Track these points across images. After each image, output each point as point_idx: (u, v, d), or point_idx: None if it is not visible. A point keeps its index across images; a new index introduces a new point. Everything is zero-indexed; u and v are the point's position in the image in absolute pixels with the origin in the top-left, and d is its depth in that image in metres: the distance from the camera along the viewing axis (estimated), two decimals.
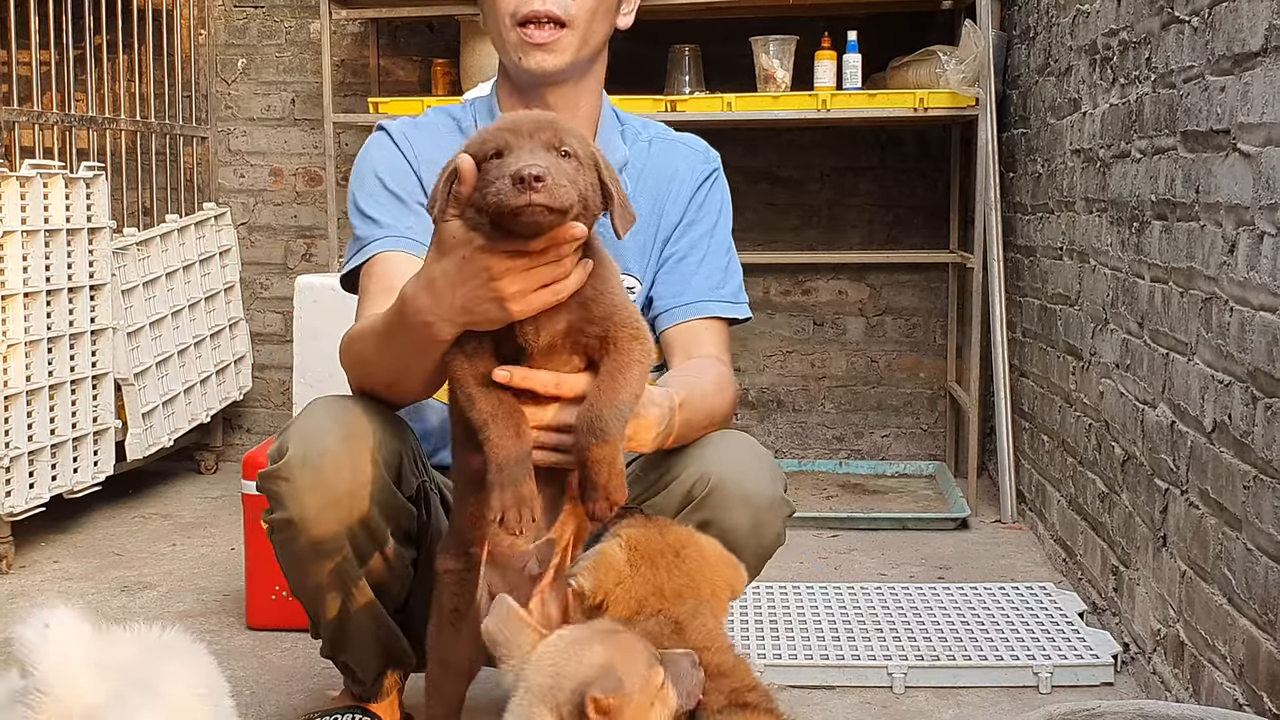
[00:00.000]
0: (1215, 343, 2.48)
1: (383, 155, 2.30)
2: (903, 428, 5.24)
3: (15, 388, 3.76)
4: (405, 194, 2.26)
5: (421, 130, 2.33)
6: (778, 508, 2.14)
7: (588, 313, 1.84)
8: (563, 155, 1.75)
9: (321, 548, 2.07)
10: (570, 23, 2.19)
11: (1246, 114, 2.34)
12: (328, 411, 2.07)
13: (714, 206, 2.38)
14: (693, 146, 2.42)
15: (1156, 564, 2.83)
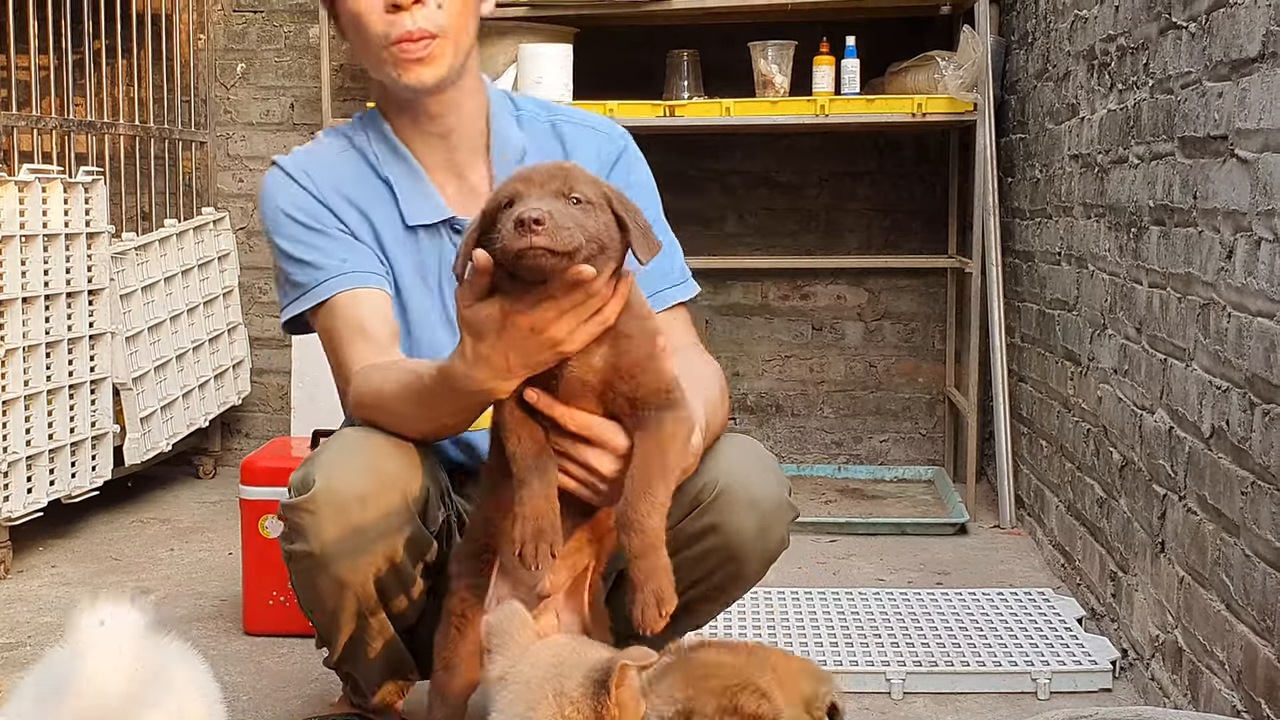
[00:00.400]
0: (1213, 348, 2.48)
1: (288, 194, 2.27)
2: (901, 433, 5.24)
3: (13, 393, 3.76)
4: (325, 227, 2.24)
5: (316, 158, 2.31)
6: (783, 511, 2.15)
7: (626, 352, 1.84)
8: (574, 202, 1.74)
9: (344, 583, 2.05)
10: (442, 32, 2.17)
11: (1244, 120, 2.34)
12: (357, 446, 2.04)
13: (635, 190, 2.31)
14: (597, 128, 2.39)
15: (1155, 570, 2.83)
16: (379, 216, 2.26)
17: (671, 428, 1.84)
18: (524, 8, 4.63)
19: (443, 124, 2.27)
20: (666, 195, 5.07)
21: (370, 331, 2.16)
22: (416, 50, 2.15)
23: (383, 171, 2.28)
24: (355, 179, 2.28)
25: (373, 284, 2.21)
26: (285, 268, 2.26)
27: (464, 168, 2.31)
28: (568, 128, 2.37)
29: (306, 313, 2.23)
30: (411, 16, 2.14)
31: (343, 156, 2.30)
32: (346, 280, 2.19)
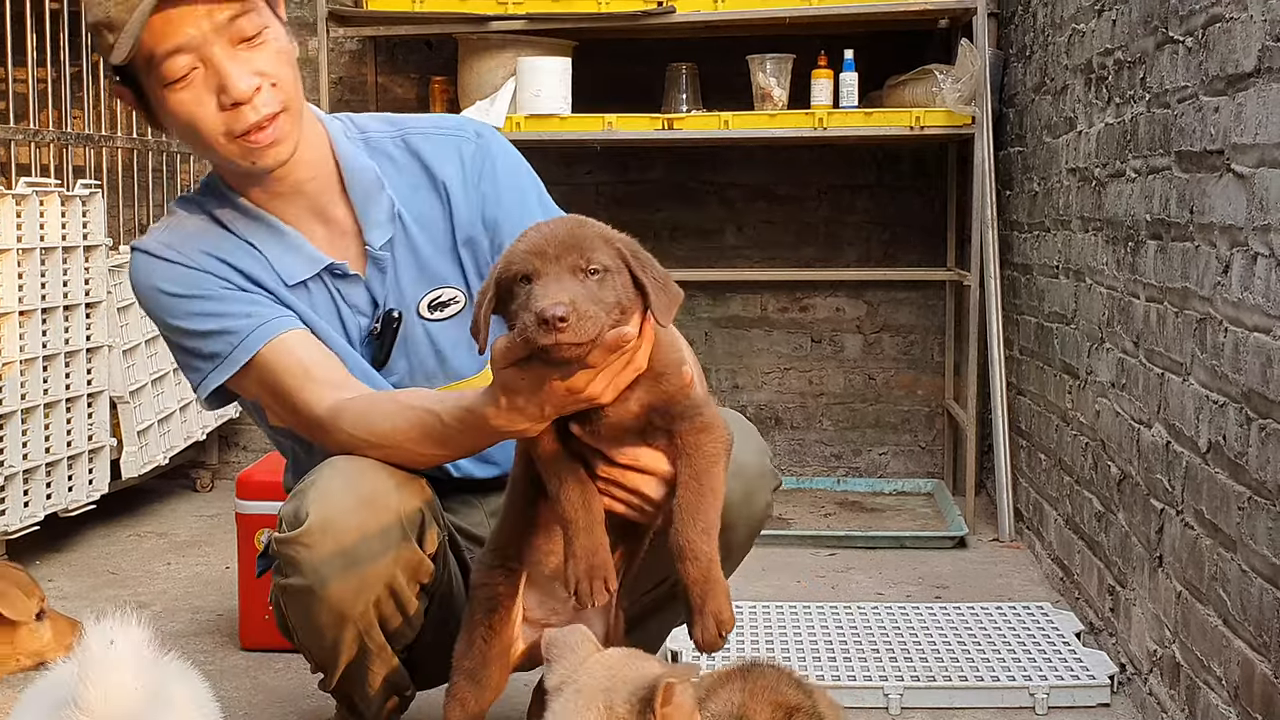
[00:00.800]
0: (1210, 363, 2.47)
1: (161, 273, 2.16)
2: (901, 445, 5.23)
3: (10, 406, 3.76)
4: (211, 292, 2.14)
5: (177, 232, 2.20)
6: (766, 478, 2.15)
7: (661, 392, 1.85)
8: (591, 274, 1.73)
9: (344, 615, 2.03)
10: (284, 106, 2.07)
11: (1240, 135, 2.33)
12: (348, 476, 2.01)
13: (511, 188, 2.26)
14: (450, 132, 2.29)
15: (1152, 584, 2.82)
16: (260, 276, 2.17)
17: (711, 451, 1.86)
18: (522, 21, 4.63)
19: (292, 180, 2.17)
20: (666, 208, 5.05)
21: (315, 371, 2.09)
22: (266, 138, 2.06)
23: (247, 238, 2.18)
24: (223, 245, 2.18)
25: (290, 326, 2.13)
26: (188, 345, 2.16)
27: (325, 210, 2.22)
28: (420, 140, 2.27)
29: (227, 381, 2.15)
30: (253, 108, 2.03)
31: (204, 226, 2.20)
32: (263, 333, 2.11)
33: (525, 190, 2.28)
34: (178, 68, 2.01)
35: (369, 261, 2.21)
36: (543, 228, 1.79)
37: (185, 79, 2.02)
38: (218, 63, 2.01)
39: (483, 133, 2.29)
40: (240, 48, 2.02)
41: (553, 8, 4.62)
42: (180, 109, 2.04)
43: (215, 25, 2.00)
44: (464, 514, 2.35)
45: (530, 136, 4.60)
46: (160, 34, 1.98)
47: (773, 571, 3.93)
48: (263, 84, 2.04)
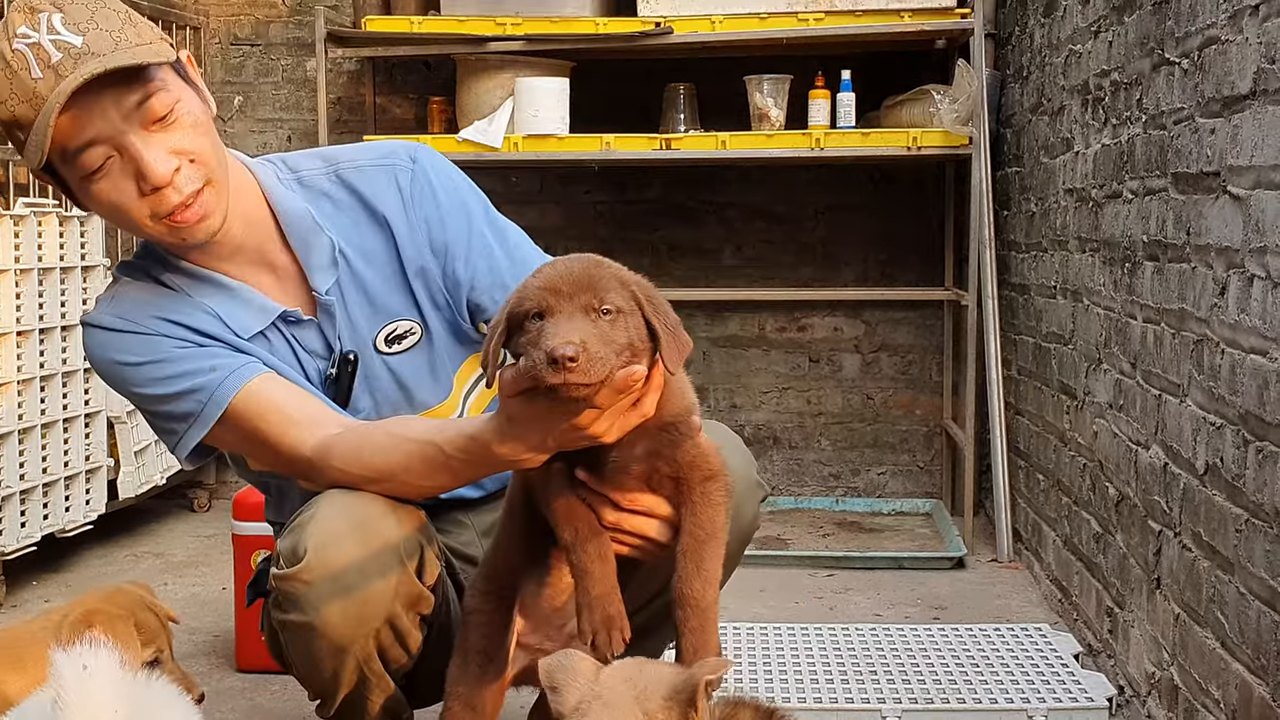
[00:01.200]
0: (1207, 385, 2.47)
1: (115, 345, 2.12)
2: (899, 465, 5.22)
3: (8, 426, 3.75)
4: (169, 355, 2.10)
5: (125, 302, 2.15)
6: (754, 490, 2.14)
7: (669, 442, 1.85)
8: (604, 314, 1.72)
9: (343, 649, 2.01)
10: (207, 180, 2.02)
11: (1236, 156, 2.34)
12: (345, 509, 1.99)
13: (453, 208, 2.22)
14: (384, 162, 2.22)
15: (1150, 606, 2.81)
16: (216, 332, 2.14)
17: (716, 500, 1.86)
18: (520, 41, 4.64)
19: (230, 239, 2.12)
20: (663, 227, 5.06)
21: (293, 413, 2.06)
22: (194, 215, 2.01)
23: (196, 297, 2.14)
24: (174, 307, 2.14)
25: (257, 372, 2.09)
26: (158, 409, 2.13)
27: (269, 258, 2.18)
28: (354, 174, 2.21)
29: (204, 437, 2.11)
30: (175, 189, 1.98)
31: (151, 291, 2.15)
32: (232, 382, 2.07)
33: (470, 208, 2.24)
34: (93, 160, 1.96)
35: (319, 307, 2.18)
36: (559, 265, 1.78)
37: (102, 169, 1.97)
38: (132, 149, 1.95)
39: (417, 157, 2.24)
40: (154, 129, 1.97)
41: (551, 29, 4.63)
42: (102, 198, 2.00)
43: (124, 112, 1.94)
44: (456, 534, 2.34)
45: (528, 156, 4.61)
46: (70, 130, 1.93)
47: (770, 592, 3.92)
48: (181, 163, 1.99)
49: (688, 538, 1.84)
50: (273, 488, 2.35)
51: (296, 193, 2.19)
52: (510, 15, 4.66)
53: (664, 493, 1.87)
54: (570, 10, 4.65)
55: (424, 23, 4.76)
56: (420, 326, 2.23)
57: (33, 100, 1.90)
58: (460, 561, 2.32)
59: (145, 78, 1.96)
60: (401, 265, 2.20)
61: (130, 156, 1.96)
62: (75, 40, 1.91)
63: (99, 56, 1.90)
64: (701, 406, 1.96)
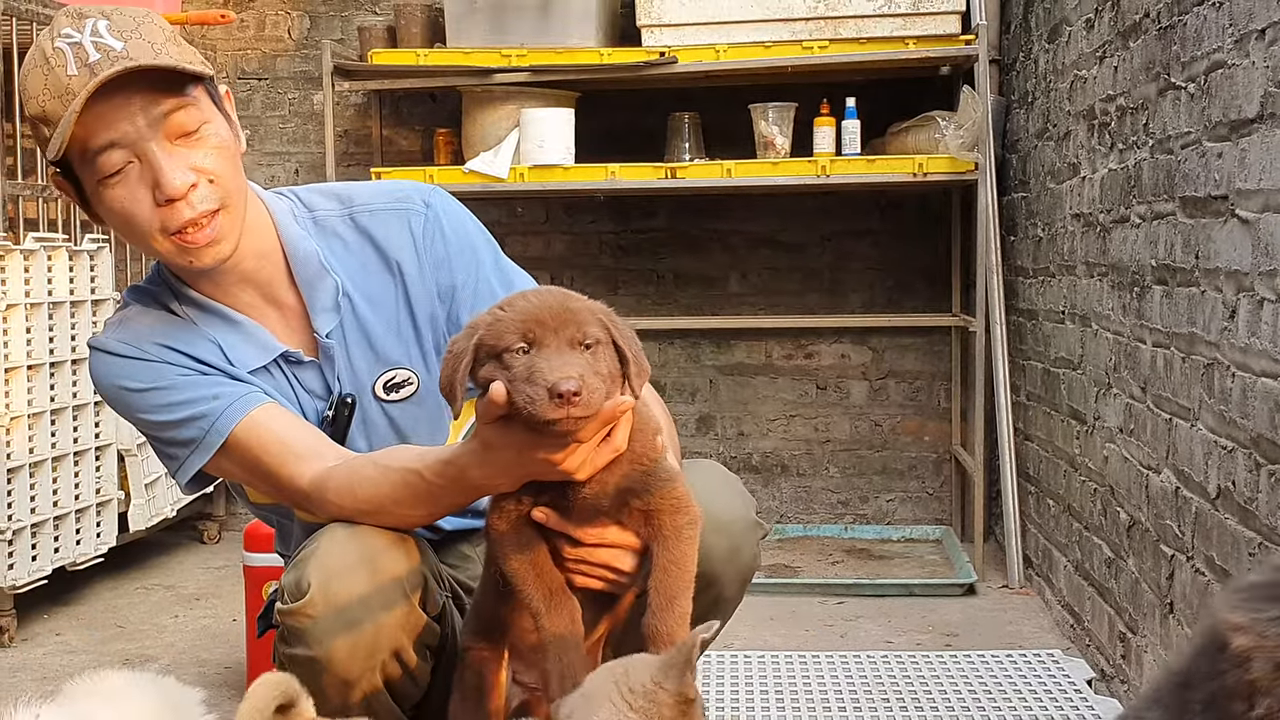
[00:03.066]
0: (1218, 408, 2.47)
1: (120, 370, 2.12)
2: (908, 492, 5.22)
3: (18, 460, 3.76)
4: (172, 382, 2.10)
5: (131, 328, 2.15)
6: (752, 530, 2.13)
7: (639, 477, 1.85)
8: (585, 347, 1.73)
9: (349, 683, 2.00)
10: (223, 203, 2.01)
11: (1244, 180, 2.34)
12: (348, 543, 1.98)
13: (462, 249, 2.21)
14: (397, 205, 2.21)
15: (1164, 631, 2.80)
16: (217, 364, 2.13)
17: (687, 534, 1.86)
18: (525, 73, 4.66)
19: (239, 271, 2.11)
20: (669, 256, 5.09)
21: (293, 445, 2.06)
22: (204, 237, 2.00)
23: (201, 326, 2.14)
24: (179, 335, 2.13)
25: (259, 402, 2.09)
26: (161, 435, 2.13)
27: (276, 296, 2.17)
28: (369, 218, 2.20)
29: (205, 465, 2.10)
30: (189, 204, 1.97)
31: (157, 318, 2.15)
32: (233, 413, 2.06)
33: (479, 254, 2.22)
34: (111, 163, 1.96)
35: (320, 348, 2.18)
36: (531, 298, 1.77)
37: (120, 173, 1.97)
38: (152, 158, 1.95)
39: (430, 201, 2.22)
40: (178, 143, 1.97)
41: (555, 60, 4.65)
42: (115, 204, 1.99)
43: (151, 120, 1.95)
44: (463, 568, 2.34)
45: (534, 187, 4.63)
46: (94, 128, 1.93)
47: (780, 620, 3.91)
48: (199, 180, 1.98)
49: (659, 573, 1.83)
50: (274, 521, 2.36)
51: (310, 232, 2.18)
52: (515, 47, 4.68)
53: (632, 527, 1.86)
54: (575, 41, 4.67)
55: (430, 55, 4.78)
56: (418, 377, 2.21)
57: (63, 96, 1.91)
58: (467, 595, 2.32)
59: (178, 90, 1.97)
60: (411, 314, 2.20)
61: (149, 164, 1.96)
62: (116, 45, 1.92)
63: (136, 61, 1.92)
64: (708, 435, 1.96)
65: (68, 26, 1.94)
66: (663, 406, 2.19)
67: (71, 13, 1.97)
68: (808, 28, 4.59)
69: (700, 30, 4.62)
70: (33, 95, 1.95)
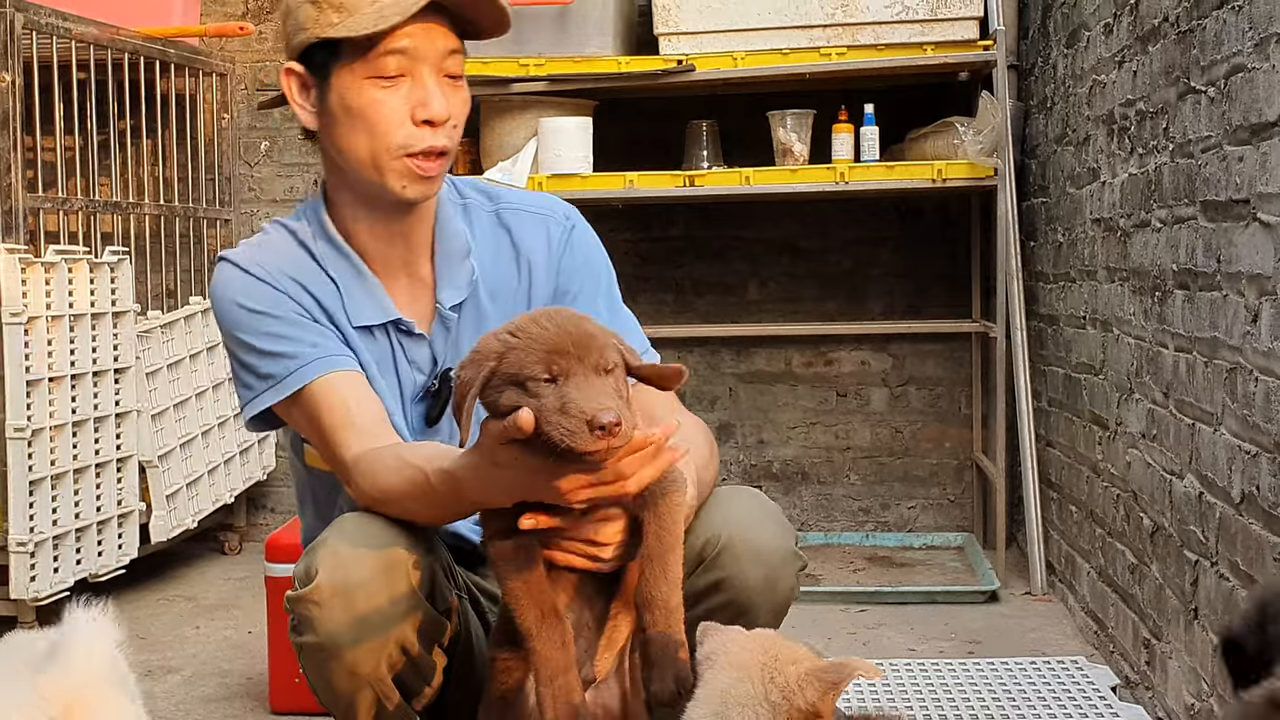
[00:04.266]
0: (1241, 413, 2.46)
1: (242, 286, 2.17)
2: (929, 499, 5.20)
3: (40, 472, 3.77)
4: (285, 314, 2.15)
5: (266, 249, 2.21)
6: (790, 562, 2.12)
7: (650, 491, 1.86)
8: (606, 373, 1.74)
9: (357, 673, 2.02)
10: (450, 150, 2.13)
11: (1266, 184, 2.33)
12: (358, 532, 2.01)
13: (587, 266, 2.29)
14: (541, 212, 2.31)
15: (1189, 637, 2.79)
16: (332, 309, 2.19)
17: (677, 503, 1.87)
18: (543, 82, 4.67)
19: (405, 224, 2.20)
20: (688, 264, 5.09)
21: (355, 418, 2.09)
22: (432, 169, 2.10)
23: (329, 270, 2.20)
24: (306, 272, 2.19)
25: (346, 366, 2.13)
26: (249, 361, 2.17)
27: (412, 264, 2.23)
28: (512, 216, 2.29)
29: (276, 405, 2.15)
30: (435, 134, 2.09)
31: (292, 250, 2.21)
32: (320, 365, 2.12)
33: (599, 276, 2.30)
34: (390, 67, 2.06)
35: (436, 320, 2.22)
36: (546, 324, 1.78)
37: (392, 81, 2.06)
38: (426, 81, 2.07)
39: (571, 217, 2.32)
40: (445, 81, 2.10)
41: (573, 69, 4.65)
42: (372, 108, 2.07)
43: (438, 51, 2.08)
44: (487, 573, 2.34)
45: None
46: (397, 31, 2.04)
47: (802, 629, 3.89)
48: (450, 120, 2.10)
49: (652, 542, 1.85)
50: (321, 496, 2.35)
51: (459, 216, 2.26)
52: (533, 56, 4.69)
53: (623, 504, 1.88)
54: (592, 50, 4.68)
55: None
56: None
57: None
58: (491, 603, 2.32)
59: (460, 38, 2.11)
60: (529, 306, 2.25)
61: (421, 85, 2.07)
62: None
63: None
64: (728, 443, 1.97)
65: None
66: (700, 426, 2.21)
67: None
68: (825, 34, 4.58)
69: (718, 38, 4.62)
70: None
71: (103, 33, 4.47)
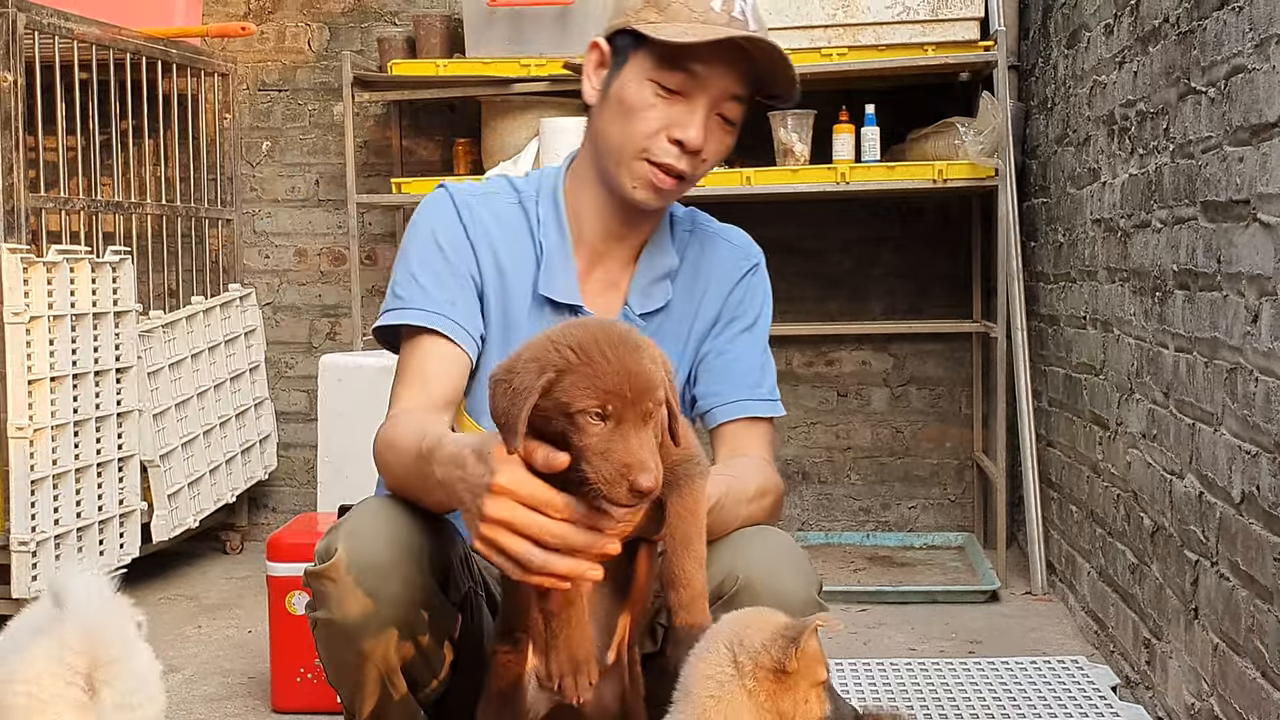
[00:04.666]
0: (1241, 413, 2.46)
1: (442, 219, 2.28)
2: (930, 499, 5.20)
3: (42, 472, 3.78)
4: (455, 264, 2.24)
5: (484, 201, 2.31)
6: (809, 609, 2.06)
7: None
8: (651, 416, 1.73)
9: (365, 653, 2.04)
10: (688, 182, 2.22)
11: (1266, 184, 2.33)
12: (378, 516, 2.04)
13: (753, 304, 2.37)
14: (734, 241, 2.41)
15: (1189, 637, 2.79)
16: (517, 271, 2.27)
17: (699, 482, 1.89)
18: (545, 82, 4.68)
19: (626, 227, 2.29)
20: None
21: (431, 383, 2.17)
22: (666, 183, 2.19)
23: (538, 234, 2.28)
24: (512, 230, 2.29)
25: (461, 340, 2.20)
26: (399, 275, 2.26)
27: (616, 265, 2.32)
28: (705, 236, 2.40)
29: (400, 328, 2.23)
30: (679, 157, 2.17)
31: (508, 207, 2.31)
32: (439, 322, 2.19)
33: (759, 321, 2.37)
34: (674, 81, 2.15)
35: (620, 319, 2.27)
36: (610, 355, 1.72)
37: (669, 93, 2.15)
38: (697, 108, 2.15)
39: (757, 258, 2.41)
40: (714, 120, 2.18)
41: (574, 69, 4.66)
42: (640, 107, 2.17)
43: (721, 89, 2.16)
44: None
45: None
46: (699, 51, 2.12)
47: None
48: (702, 154, 2.18)
49: (674, 519, 1.86)
50: None
51: (674, 242, 2.35)
52: (534, 56, 4.69)
53: None
54: None
55: (449, 66, 4.80)
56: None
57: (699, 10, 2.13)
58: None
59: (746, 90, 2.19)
60: (690, 330, 2.33)
61: (691, 110, 2.16)
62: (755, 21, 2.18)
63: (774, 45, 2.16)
64: None
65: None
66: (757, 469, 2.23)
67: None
68: (826, 35, 4.59)
69: None
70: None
71: (105, 33, 4.48)
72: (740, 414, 2.32)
